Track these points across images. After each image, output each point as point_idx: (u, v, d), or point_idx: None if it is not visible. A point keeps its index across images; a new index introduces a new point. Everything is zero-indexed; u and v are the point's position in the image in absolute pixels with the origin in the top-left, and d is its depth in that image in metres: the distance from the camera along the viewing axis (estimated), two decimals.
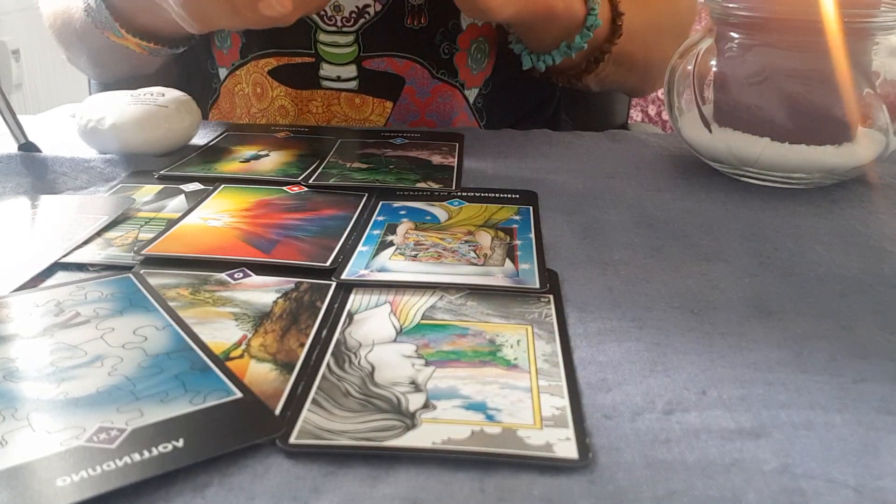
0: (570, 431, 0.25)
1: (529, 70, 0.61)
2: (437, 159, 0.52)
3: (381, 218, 0.42)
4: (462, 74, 0.64)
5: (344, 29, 0.61)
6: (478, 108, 0.66)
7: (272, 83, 0.64)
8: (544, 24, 0.56)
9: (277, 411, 0.26)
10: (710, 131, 0.49)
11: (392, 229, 0.40)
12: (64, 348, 0.29)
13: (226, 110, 0.68)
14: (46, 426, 0.24)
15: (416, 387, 0.27)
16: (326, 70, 0.62)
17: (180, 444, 0.24)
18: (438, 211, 0.43)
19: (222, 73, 0.67)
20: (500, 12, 0.51)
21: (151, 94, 0.53)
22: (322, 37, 0.62)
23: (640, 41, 0.62)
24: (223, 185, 0.47)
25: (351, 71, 0.62)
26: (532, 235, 0.40)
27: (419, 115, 0.64)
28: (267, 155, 0.53)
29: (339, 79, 0.63)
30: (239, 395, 0.26)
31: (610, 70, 0.62)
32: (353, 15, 0.61)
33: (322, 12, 0.61)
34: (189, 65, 0.69)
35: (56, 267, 0.36)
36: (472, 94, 0.65)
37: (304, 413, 0.26)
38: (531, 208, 0.43)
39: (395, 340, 0.30)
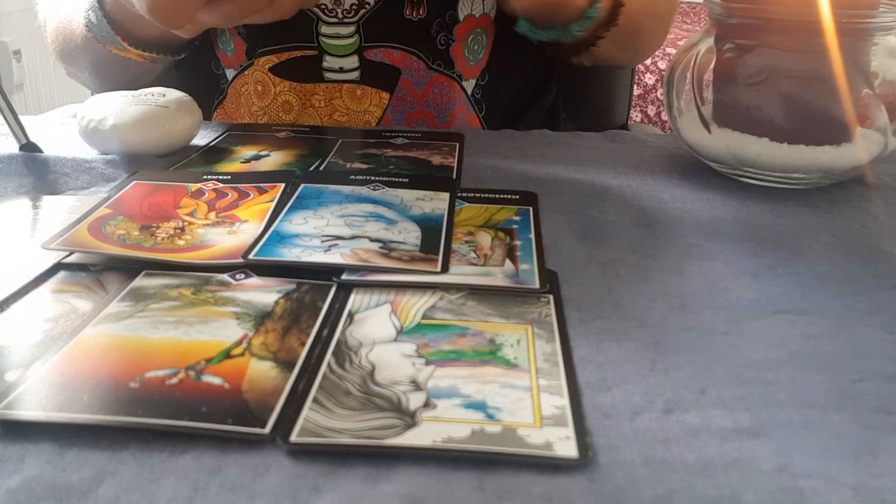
0: (569, 430, 0.25)
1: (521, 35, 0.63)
2: (437, 159, 0.52)
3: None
4: (459, 65, 0.64)
5: (345, 20, 0.62)
6: (476, 99, 0.66)
7: (274, 80, 0.64)
8: (551, 15, 0.58)
9: (278, 409, 0.26)
10: (710, 131, 0.49)
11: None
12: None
13: (231, 111, 0.68)
14: None
15: (416, 386, 0.27)
16: (329, 62, 0.63)
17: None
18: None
19: (230, 73, 0.67)
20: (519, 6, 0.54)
21: (152, 95, 0.53)
22: (324, 29, 0.62)
23: (633, 22, 0.64)
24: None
25: (353, 62, 0.63)
26: (532, 236, 0.40)
27: (416, 106, 0.65)
28: (268, 155, 0.53)
29: (341, 70, 0.63)
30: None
31: (603, 50, 0.63)
32: (354, 6, 0.61)
33: (322, 5, 0.61)
34: (193, 66, 0.69)
35: (58, 267, 0.36)
36: (469, 86, 0.66)
37: (305, 411, 0.26)
38: (531, 209, 0.44)
39: (395, 340, 0.30)
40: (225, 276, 0.35)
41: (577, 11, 0.58)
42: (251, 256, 0.36)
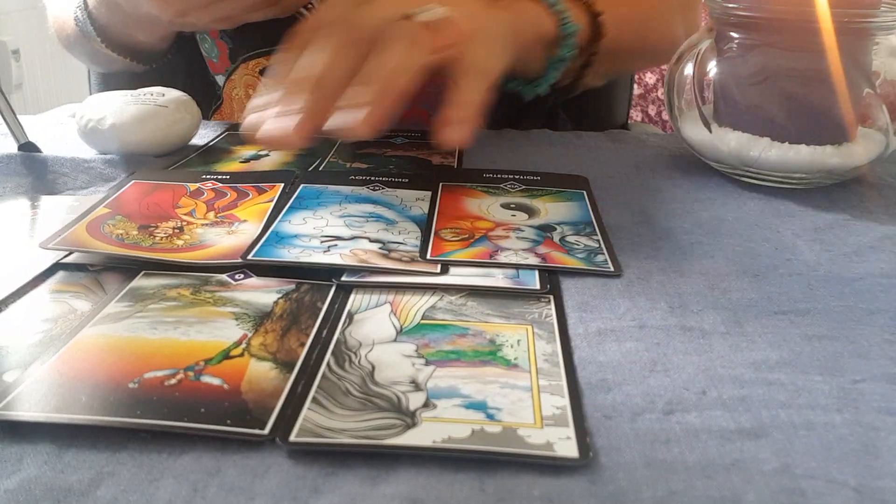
0: (570, 430, 0.25)
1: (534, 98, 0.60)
2: (437, 159, 0.52)
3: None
4: None
5: None
6: None
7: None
8: (527, 55, 0.55)
9: (277, 409, 0.26)
10: (710, 131, 0.49)
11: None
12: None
13: (227, 115, 0.68)
14: None
15: (416, 386, 0.27)
16: None
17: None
18: None
19: (219, 80, 0.67)
20: (498, 72, 0.50)
21: (151, 94, 0.53)
22: None
23: (631, 29, 0.62)
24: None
25: None
26: None
27: (410, 105, 0.64)
28: (267, 155, 0.53)
29: None
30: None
31: (607, 65, 0.62)
32: None
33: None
34: (193, 72, 0.69)
35: (57, 267, 0.36)
36: None
37: (305, 411, 0.26)
38: None
39: (395, 340, 0.30)
40: (224, 277, 0.35)
41: (547, 37, 0.55)
42: (250, 257, 0.36)
